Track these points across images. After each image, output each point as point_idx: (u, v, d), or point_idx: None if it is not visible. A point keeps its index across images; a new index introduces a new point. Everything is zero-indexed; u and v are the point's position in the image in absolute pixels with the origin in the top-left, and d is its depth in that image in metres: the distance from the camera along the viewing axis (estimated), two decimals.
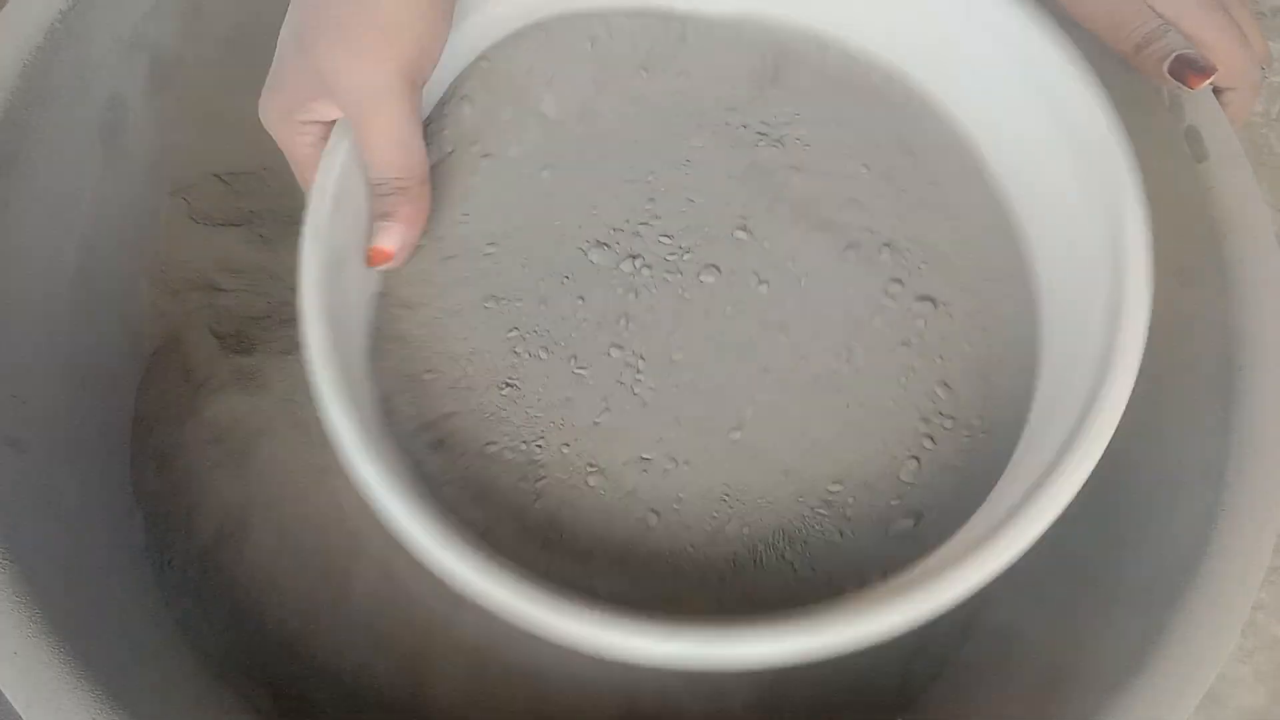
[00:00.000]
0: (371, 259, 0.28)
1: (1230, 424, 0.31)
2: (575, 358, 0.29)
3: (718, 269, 0.30)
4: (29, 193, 0.33)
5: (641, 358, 0.29)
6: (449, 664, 0.33)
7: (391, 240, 0.28)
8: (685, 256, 0.31)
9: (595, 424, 0.29)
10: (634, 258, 0.30)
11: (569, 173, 0.31)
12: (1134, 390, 0.36)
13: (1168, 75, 0.32)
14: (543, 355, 0.29)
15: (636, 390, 0.29)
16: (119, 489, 0.35)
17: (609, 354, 0.29)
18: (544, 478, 0.28)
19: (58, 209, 0.34)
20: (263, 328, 0.37)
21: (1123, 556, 0.33)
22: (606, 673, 0.34)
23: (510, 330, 0.29)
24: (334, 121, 0.28)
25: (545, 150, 0.31)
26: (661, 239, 0.31)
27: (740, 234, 0.31)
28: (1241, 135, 0.34)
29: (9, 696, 0.27)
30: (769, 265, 0.31)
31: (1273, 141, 0.47)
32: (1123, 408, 0.26)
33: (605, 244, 0.31)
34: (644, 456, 0.28)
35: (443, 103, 0.31)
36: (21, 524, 0.29)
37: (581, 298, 0.30)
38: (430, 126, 0.31)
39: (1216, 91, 0.35)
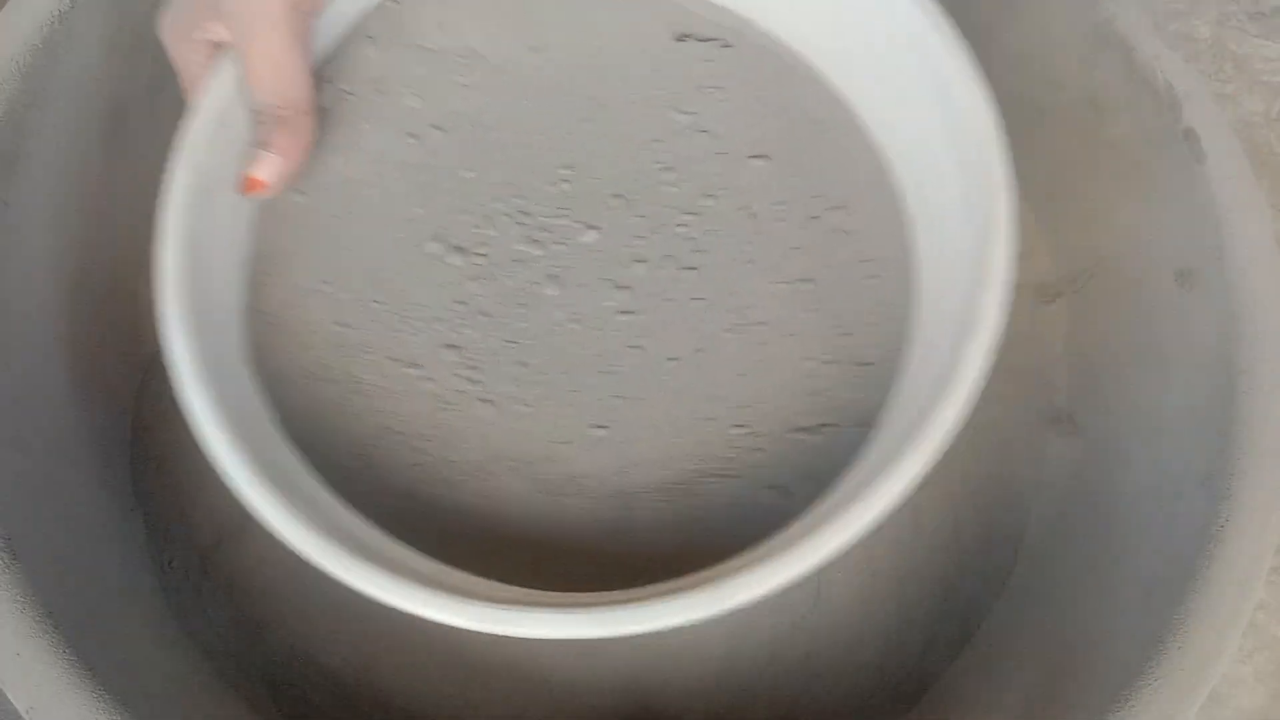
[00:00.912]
0: (244, 186, 0.28)
1: (1231, 424, 0.31)
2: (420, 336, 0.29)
3: (599, 229, 0.30)
4: (29, 193, 0.33)
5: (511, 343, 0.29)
6: (450, 666, 0.33)
7: (265, 170, 0.28)
8: (564, 223, 0.30)
9: (485, 401, 0.29)
10: (479, 253, 0.30)
11: (461, 135, 0.31)
12: (1133, 390, 0.36)
13: None
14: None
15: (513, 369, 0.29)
16: (119, 490, 0.35)
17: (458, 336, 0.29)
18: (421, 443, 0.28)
19: (58, 210, 0.34)
20: None
21: (1124, 558, 0.33)
22: (604, 674, 0.34)
23: (337, 322, 0.29)
24: (222, 45, 0.28)
25: (444, 106, 0.31)
26: (548, 213, 0.30)
27: (620, 199, 0.30)
28: (1241, 135, 0.34)
29: (10, 697, 0.27)
30: (654, 235, 0.30)
31: (1273, 141, 0.47)
32: (977, 379, 0.25)
33: (478, 224, 0.30)
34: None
35: (347, 40, 0.30)
36: (22, 524, 0.29)
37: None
38: (331, 63, 0.30)
39: None
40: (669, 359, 0.29)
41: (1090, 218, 0.39)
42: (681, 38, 0.32)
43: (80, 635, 0.28)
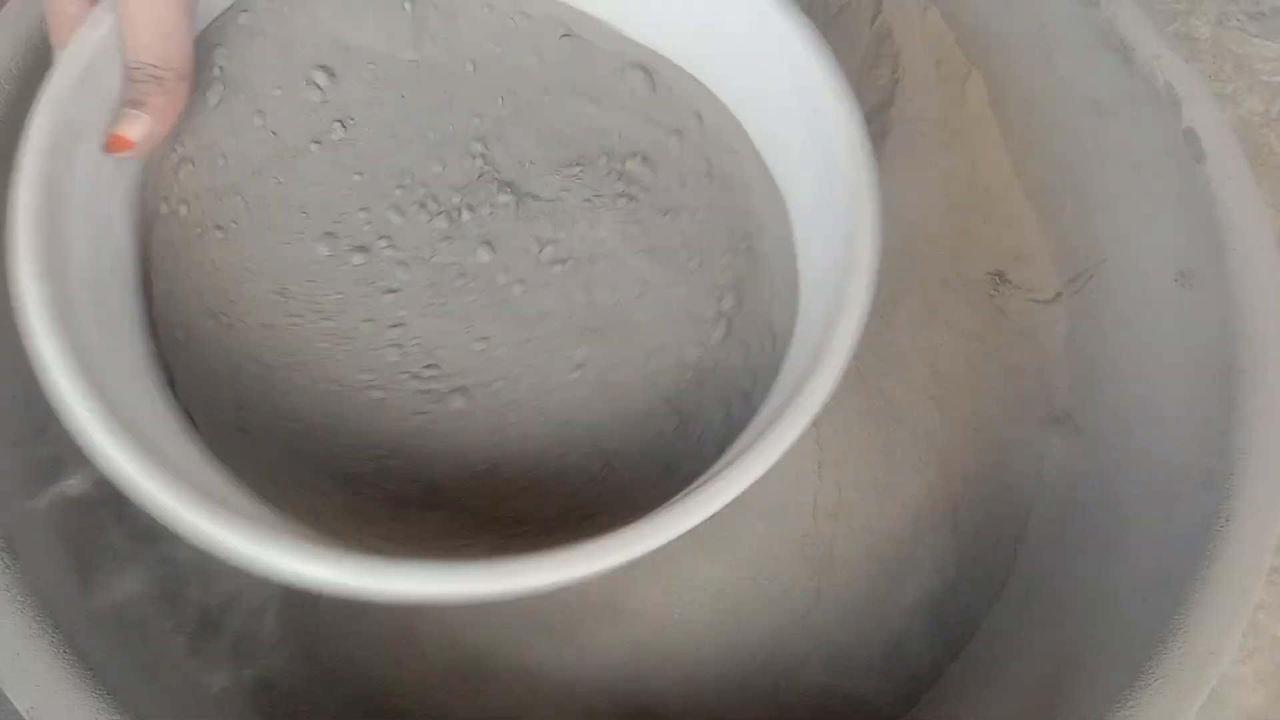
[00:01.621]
0: (109, 145, 0.27)
1: (1231, 425, 0.31)
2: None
3: (491, 247, 0.30)
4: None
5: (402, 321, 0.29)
6: (450, 666, 0.33)
7: (134, 129, 0.27)
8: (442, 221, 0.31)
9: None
10: (373, 245, 0.30)
11: (349, 132, 0.31)
12: (1133, 391, 0.36)
13: None
14: None
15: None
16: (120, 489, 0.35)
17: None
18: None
19: None
20: None
21: (1124, 558, 0.33)
22: (604, 674, 0.34)
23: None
24: None
25: (324, 100, 0.31)
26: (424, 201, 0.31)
27: (506, 196, 0.31)
28: (1241, 135, 0.34)
29: (10, 697, 0.27)
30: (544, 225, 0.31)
31: (1272, 141, 0.47)
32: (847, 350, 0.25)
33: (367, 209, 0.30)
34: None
35: (234, 10, 0.30)
36: (22, 524, 0.29)
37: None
38: (213, 28, 0.30)
39: None
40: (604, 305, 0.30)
41: (1090, 218, 0.39)
42: (567, 34, 0.32)
43: (80, 635, 0.28)
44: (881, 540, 0.36)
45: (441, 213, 0.31)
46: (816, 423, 0.25)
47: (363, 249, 0.30)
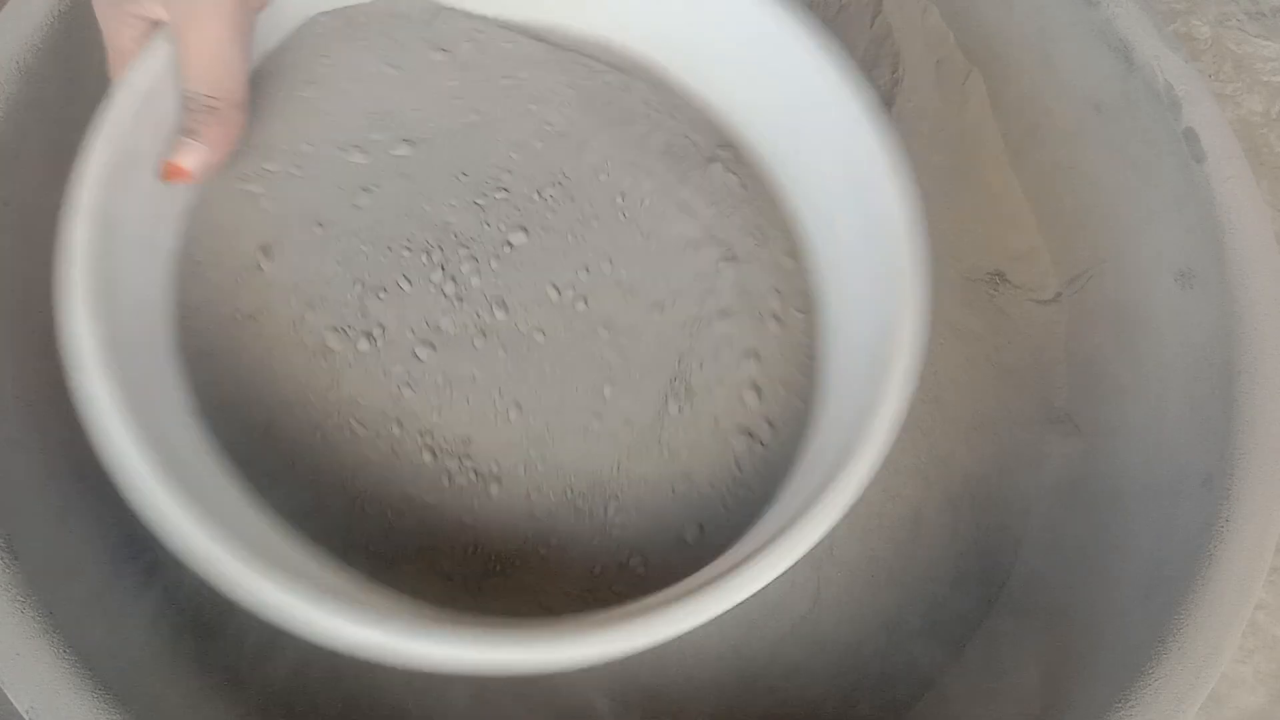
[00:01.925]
0: (166, 173, 0.27)
1: (1231, 424, 0.31)
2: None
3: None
4: (30, 192, 0.33)
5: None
6: (457, 677, 0.33)
7: (190, 159, 0.27)
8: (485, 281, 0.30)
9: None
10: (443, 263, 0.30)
11: (390, 178, 0.30)
12: (1133, 391, 0.36)
13: None
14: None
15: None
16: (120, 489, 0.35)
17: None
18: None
19: (58, 208, 0.34)
20: None
21: (1124, 559, 0.33)
22: (604, 675, 0.34)
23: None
24: (159, 23, 0.27)
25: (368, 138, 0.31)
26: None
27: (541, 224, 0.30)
28: (1241, 135, 0.34)
29: (10, 697, 0.27)
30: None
31: (1272, 141, 0.47)
32: (892, 427, 0.25)
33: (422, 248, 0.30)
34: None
35: (292, 45, 0.30)
36: (22, 524, 0.29)
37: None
38: (272, 58, 0.30)
39: None
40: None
41: (1090, 218, 0.39)
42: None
43: (80, 635, 0.28)
44: (881, 540, 0.36)
45: (449, 276, 0.29)
46: None
47: (369, 336, 0.29)
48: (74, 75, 0.34)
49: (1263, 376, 0.31)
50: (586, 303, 0.30)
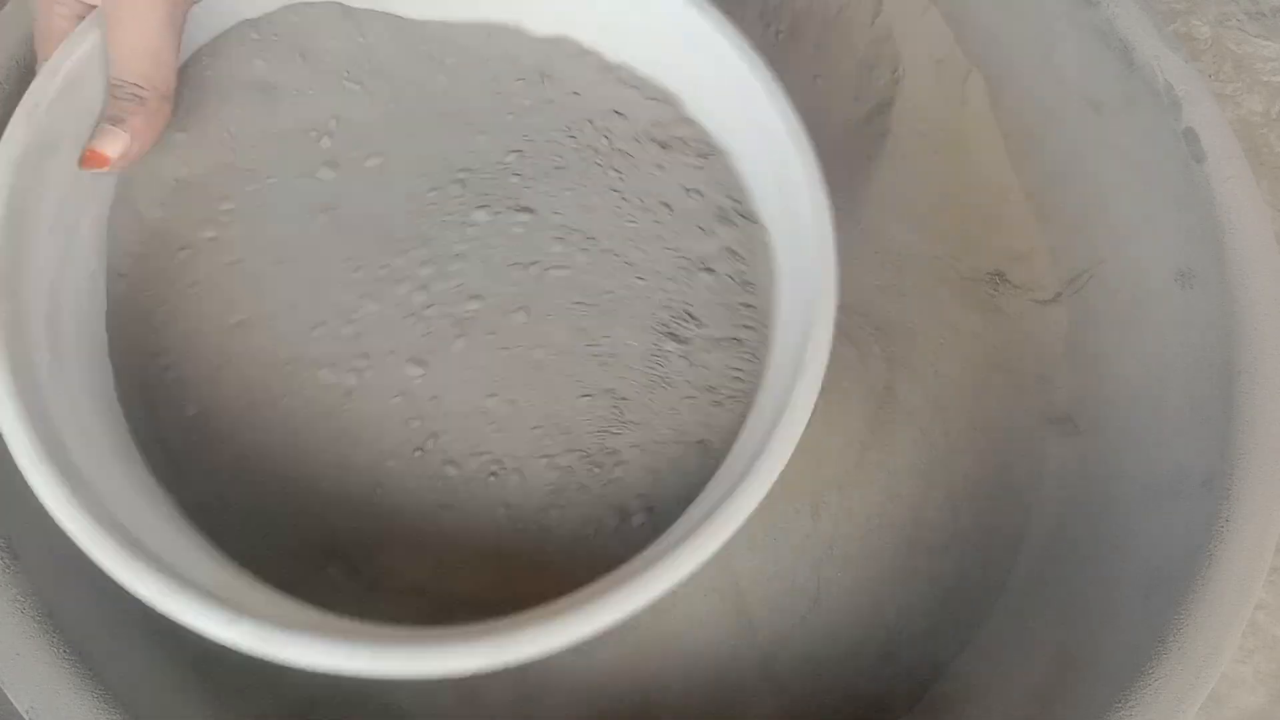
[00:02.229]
0: (86, 160, 0.26)
1: (1231, 424, 0.31)
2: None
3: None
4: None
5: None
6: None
7: (112, 146, 0.26)
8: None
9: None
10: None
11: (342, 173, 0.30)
12: (1133, 391, 0.36)
13: None
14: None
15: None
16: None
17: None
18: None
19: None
20: None
21: (1124, 558, 0.33)
22: (604, 674, 0.34)
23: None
24: (93, 7, 0.27)
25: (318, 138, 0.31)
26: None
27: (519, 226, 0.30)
28: (1241, 135, 0.34)
29: (10, 697, 0.27)
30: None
31: (1273, 141, 0.47)
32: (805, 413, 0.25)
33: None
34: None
35: (227, 35, 0.30)
36: (22, 524, 0.29)
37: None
38: (204, 53, 0.30)
39: None
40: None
41: (1090, 218, 0.39)
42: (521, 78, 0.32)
43: (80, 635, 0.28)
44: (881, 540, 0.36)
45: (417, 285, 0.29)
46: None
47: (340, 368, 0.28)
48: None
49: (1263, 376, 0.31)
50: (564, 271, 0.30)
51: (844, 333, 0.37)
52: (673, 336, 0.29)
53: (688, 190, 0.31)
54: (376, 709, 0.33)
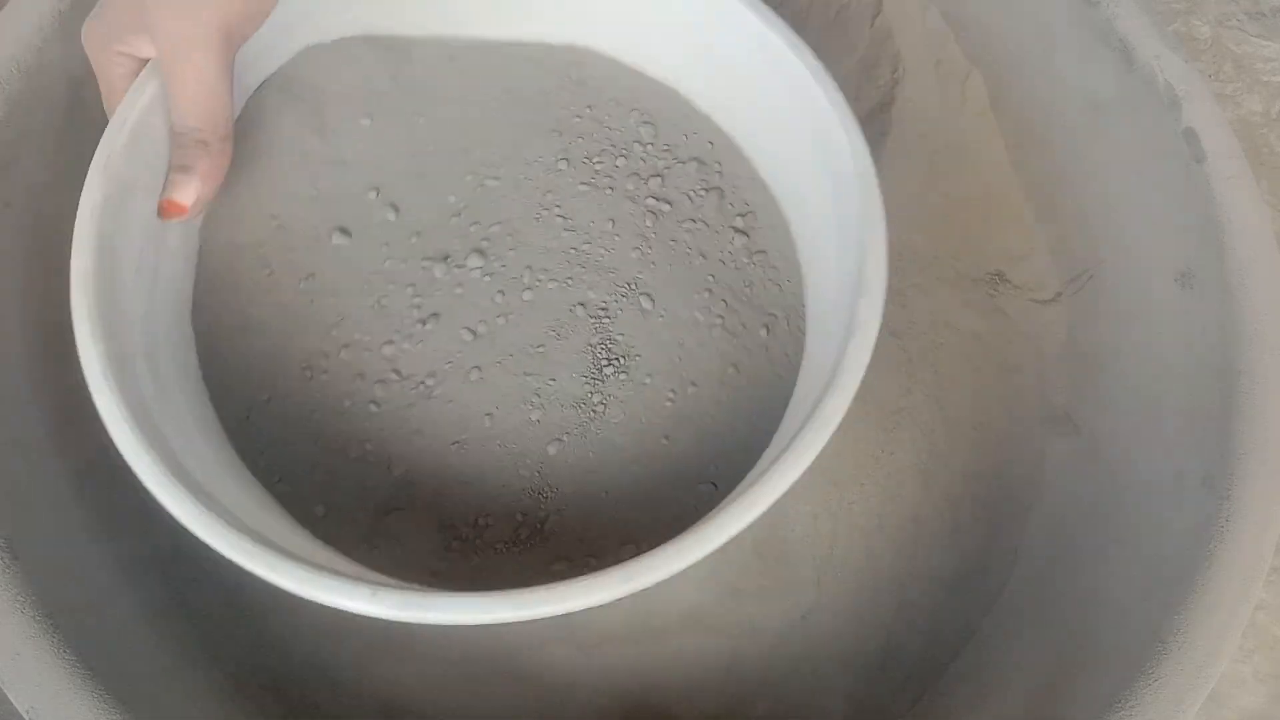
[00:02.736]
0: (164, 210, 0.28)
1: (1231, 424, 0.31)
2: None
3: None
4: (29, 194, 0.33)
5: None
6: (451, 665, 0.33)
7: (185, 194, 0.28)
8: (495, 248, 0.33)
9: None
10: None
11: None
12: (1133, 391, 0.36)
13: None
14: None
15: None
16: (121, 489, 0.35)
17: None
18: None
19: (59, 209, 0.34)
20: None
21: (1124, 558, 0.33)
22: (604, 674, 0.34)
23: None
24: (148, 59, 0.28)
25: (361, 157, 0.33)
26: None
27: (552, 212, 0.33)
28: (1241, 135, 0.34)
29: (10, 697, 0.27)
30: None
31: (1272, 141, 0.47)
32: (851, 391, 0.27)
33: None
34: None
35: (272, 80, 0.32)
36: (22, 524, 0.29)
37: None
38: (259, 95, 0.32)
39: None
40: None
41: (1090, 218, 0.39)
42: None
43: (80, 635, 0.28)
44: (881, 540, 0.36)
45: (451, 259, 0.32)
46: None
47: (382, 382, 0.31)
48: (74, 75, 0.34)
49: (1263, 376, 0.31)
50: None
51: None
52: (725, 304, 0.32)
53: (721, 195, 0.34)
54: (377, 708, 0.33)
